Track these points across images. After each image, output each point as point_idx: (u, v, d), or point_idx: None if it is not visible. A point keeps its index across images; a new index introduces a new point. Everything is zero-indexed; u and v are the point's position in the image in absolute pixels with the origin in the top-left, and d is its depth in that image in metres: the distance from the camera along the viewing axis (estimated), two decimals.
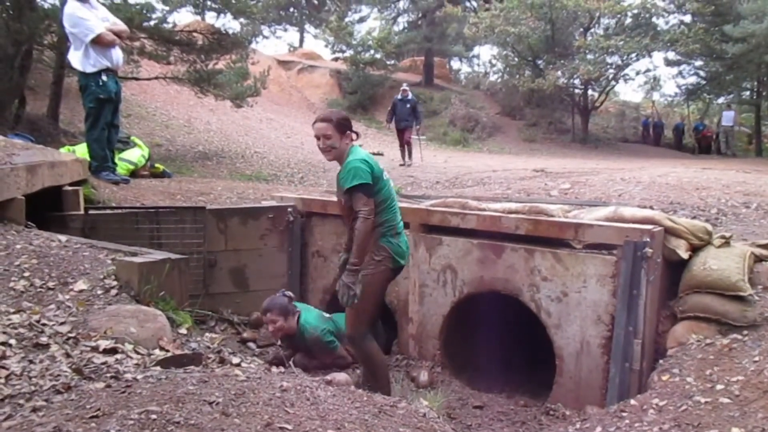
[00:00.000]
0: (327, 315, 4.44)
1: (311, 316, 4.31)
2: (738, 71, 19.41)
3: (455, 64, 34.02)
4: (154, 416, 1.80)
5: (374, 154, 13.07)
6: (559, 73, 19.43)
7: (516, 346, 4.53)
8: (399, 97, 13.14)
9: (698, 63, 21.69)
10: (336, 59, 25.20)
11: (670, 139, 24.44)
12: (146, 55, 9.73)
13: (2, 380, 2.10)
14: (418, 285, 4.34)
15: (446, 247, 4.20)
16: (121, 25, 5.78)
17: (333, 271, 4.78)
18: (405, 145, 12.75)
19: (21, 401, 1.99)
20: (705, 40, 17.90)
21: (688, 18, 20.28)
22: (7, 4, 8.09)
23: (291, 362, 4.08)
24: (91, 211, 4.57)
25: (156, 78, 10.70)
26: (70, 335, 2.56)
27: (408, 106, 12.87)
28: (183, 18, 49.62)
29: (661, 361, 3.35)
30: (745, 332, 3.20)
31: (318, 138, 3.54)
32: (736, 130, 21.17)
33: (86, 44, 5.37)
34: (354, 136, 3.64)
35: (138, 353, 2.58)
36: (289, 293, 4.32)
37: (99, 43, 5.39)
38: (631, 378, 3.47)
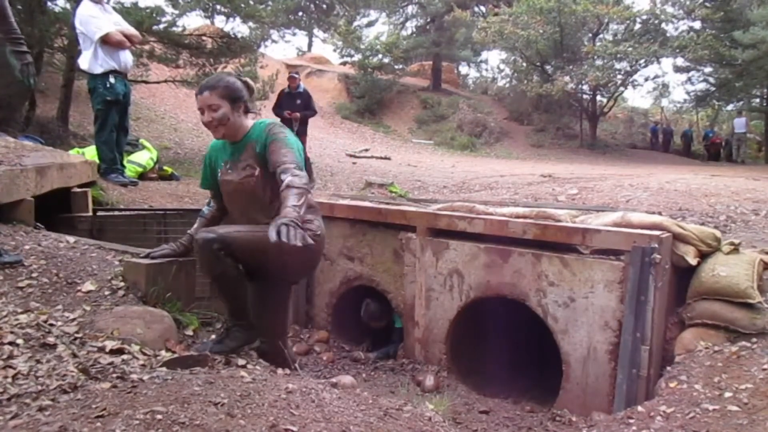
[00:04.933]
0: None
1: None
2: (748, 78, 19.33)
3: (463, 69, 34.10)
4: (159, 416, 1.81)
5: (381, 158, 13.07)
6: (568, 78, 19.42)
7: (522, 351, 4.52)
8: (286, 89, 9.69)
9: (707, 69, 21.63)
10: (344, 63, 25.29)
11: (678, 145, 24.35)
12: (155, 58, 9.80)
13: (9, 379, 2.11)
14: (425, 289, 4.34)
15: (453, 252, 4.19)
16: (133, 30, 5.84)
17: (339, 274, 4.79)
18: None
19: (27, 400, 2.00)
20: (714, 46, 17.83)
21: (697, 24, 20.25)
22: (19, 7, 8.15)
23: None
24: (99, 213, 4.59)
25: (165, 81, 10.79)
26: (77, 335, 2.57)
27: (299, 102, 9.43)
28: (192, 22, 49.95)
29: (668, 368, 3.32)
30: (754, 340, 3.17)
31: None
32: (749, 137, 21.11)
33: (96, 45, 5.42)
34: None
35: (144, 354, 2.59)
36: (248, 81, 3.11)
37: (107, 42, 5.44)
38: (638, 384, 3.45)
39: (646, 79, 22.85)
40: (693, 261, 3.49)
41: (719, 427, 2.64)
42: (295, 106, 9.28)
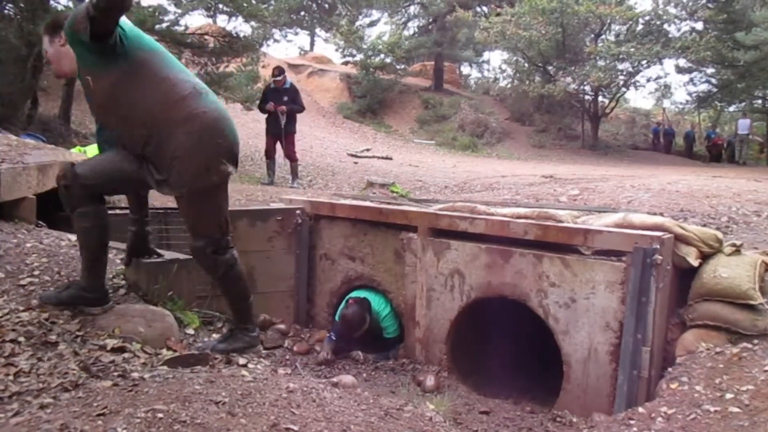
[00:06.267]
0: None
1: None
2: (750, 79, 19.32)
3: (465, 69, 34.12)
4: (160, 415, 1.81)
5: (383, 158, 13.06)
6: (570, 79, 19.42)
7: (523, 352, 4.51)
8: (272, 84, 9.13)
9: (710, 71, 21.61)
10: (346, 63, 25.27)
11: (680, 146, 24.33)
12: None
13: (11, 377, 2.11)
14: (426, 289, 4.33)
15: (454, 252, 4.19)
16: None
17: (340, 274, 4.79)
18: (287, 158, 9.28)
19: (29, 398, 2.00)
20: (717, 47, 17.80)
21: (699, 25, 20.22)
22: (21, 5, 8.16)
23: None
24: None
25: None
26: (78, 334, 2.57)
27: (285, 98, 8.90)
28: (195, 21, 49.90)
29: (669, 369, 3.32)
30: (756, 341, 3.16)
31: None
32: (750, 138, 21.12)
33: None
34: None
35: (145, 352, 2.60)
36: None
37: None
38: (639, 386, 3.44)
39: (648, 80, 22.98)
40: (694, 262, 3.48)
41: (720, 429, 2.63)
42: (282, 102, 8.90)
